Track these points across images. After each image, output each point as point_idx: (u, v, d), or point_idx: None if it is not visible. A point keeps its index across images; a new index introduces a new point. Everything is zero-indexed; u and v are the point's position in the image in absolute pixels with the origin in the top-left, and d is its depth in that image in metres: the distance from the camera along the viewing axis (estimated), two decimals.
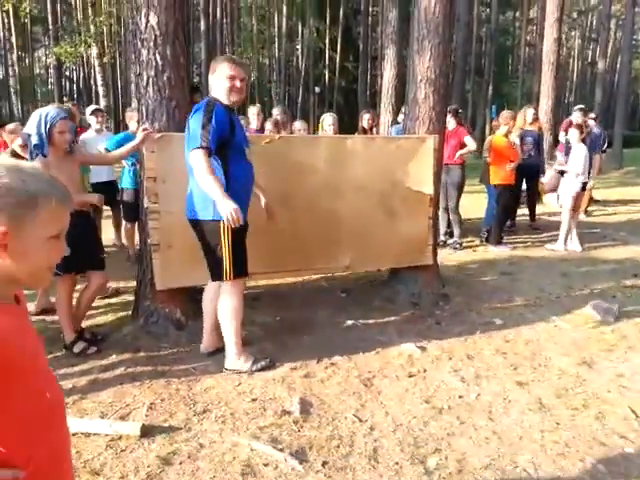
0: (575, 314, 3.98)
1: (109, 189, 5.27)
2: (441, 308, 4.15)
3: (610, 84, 34.78)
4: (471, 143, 6.14)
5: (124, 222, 5.60)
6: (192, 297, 3.66)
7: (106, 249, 4.65)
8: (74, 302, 3.44)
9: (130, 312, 3.85)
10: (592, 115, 9.11)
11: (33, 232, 0.93)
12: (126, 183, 5.25)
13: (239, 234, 2.90)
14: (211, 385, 2.90)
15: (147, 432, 2.43)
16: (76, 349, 3.29)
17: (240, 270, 2.95)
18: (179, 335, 3.50)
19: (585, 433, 2.46)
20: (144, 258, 3.57)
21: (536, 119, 7.36)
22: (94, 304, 3.81)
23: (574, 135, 5.99)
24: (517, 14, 37.27)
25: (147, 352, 3.32)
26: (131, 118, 5.22)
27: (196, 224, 2.93)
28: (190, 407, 2.68)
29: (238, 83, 2.85)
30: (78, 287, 3.51)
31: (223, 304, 3.00)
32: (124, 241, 5.73)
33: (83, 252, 3.13)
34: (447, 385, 2.92)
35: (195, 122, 2.74)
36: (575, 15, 45.61)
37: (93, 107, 6.06)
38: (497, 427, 2.51)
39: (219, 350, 3.21)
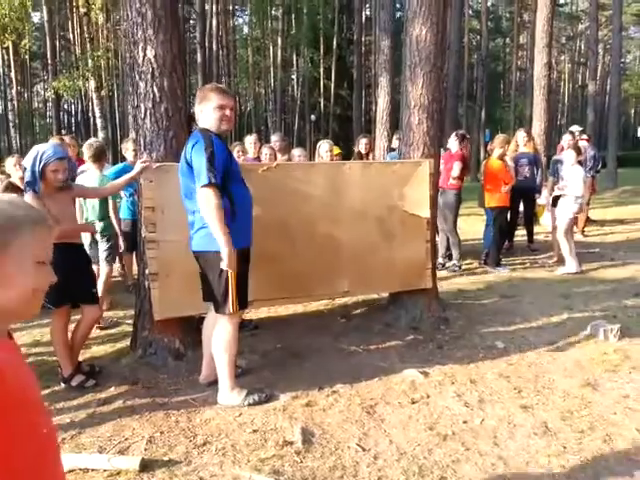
0: (577, 335, 3.95)
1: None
2: (442, 332, 4.12)
3: (601, 106, 35.37)
4: (455, 170, 6.18)
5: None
6: (191, 326, 3.64)
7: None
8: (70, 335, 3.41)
9: (129, 343, 3.82)
10: (584, 136, 9.22)
11: (18, 257, 0.94)
12: (124, 213, 5.26)
13: (245, 266, 2.91)
14: (211, 416, 2.86)
15: (146, 466, 2.38)
16: (74, 382, 3.25)
17: (243, 302, 2.94)
18: (178, 365, 3.46)
19: (593, 457, 2.41)
20: (142, 288, 3.55)
21: (529, 140, 7.45)
22: (92, 335, 3.77)
23: (571, 157, 6.04)
24: (507, 40, 38.14)
25: (146, 384, 3.27)
26: (127, 149, 5.26)
27: (202, 256, 2.91)
28: (190, 439, 2.63)
29: (228, 112, 2.87)
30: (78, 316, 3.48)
31: (218, 335, 2.96)
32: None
33: (74, 285, 3.12)
34: (451, 410, 2.88)
35: (198, 157, 2.71)
36: (564, 40, 46.68)
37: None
38: (503, 452, 2.46)
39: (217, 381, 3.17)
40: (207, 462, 2.43)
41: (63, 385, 3.25)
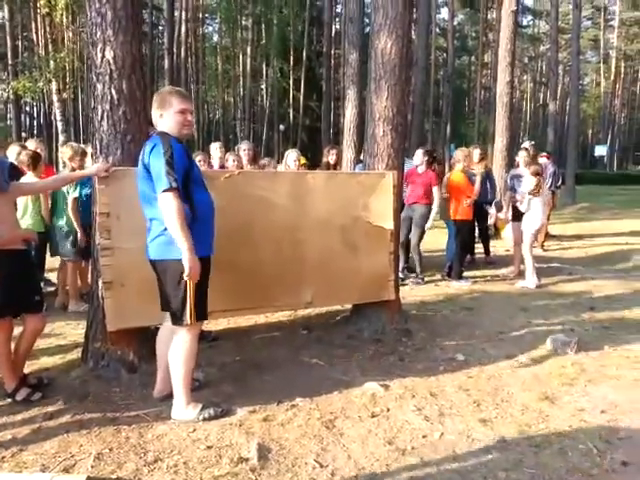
0: (536, 348, 4.00)
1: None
2: (404, 344, 4.11)
3: (561, 125, 36.66)
4: (435, 195, 6.27)
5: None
6: (146, 338, 3.50)
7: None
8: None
9: (80, 354, 3.65)
10: (544, 153, 9.49)
11: None
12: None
13: (205, 275, 2.81)
14: (164, 432, 2.74)
15: None
16: (19, 397, 3.07)
17: (202, 313, 2.83)
18: (131, 379, 3.32)
19: (548, 471, 2.42)
20: (95, 297, 3.41)
21: (482, 159, 7.59)
22: (42, 346, 3.60)
23: (530, 181, 6.15)
24: (472, 59, 39.20)
25: (96, 397, 3.12)
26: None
27: (160, 265, 2.79)
28: (140, 456, 2.51)
29: (189, 116, 2.81)
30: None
31: (176, 348, 2.83)
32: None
33: (17, 293, 2.96)
34: (411, 424, 2.85)
35: (157, 160, 2.62)
36: (526, 60, 48.34)
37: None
38: (461, 467, 2.44)
39: (171, 395, 3.05)
40: None
41: (8, 400, 3.07)
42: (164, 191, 2.59)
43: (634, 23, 45.65)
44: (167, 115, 2.76)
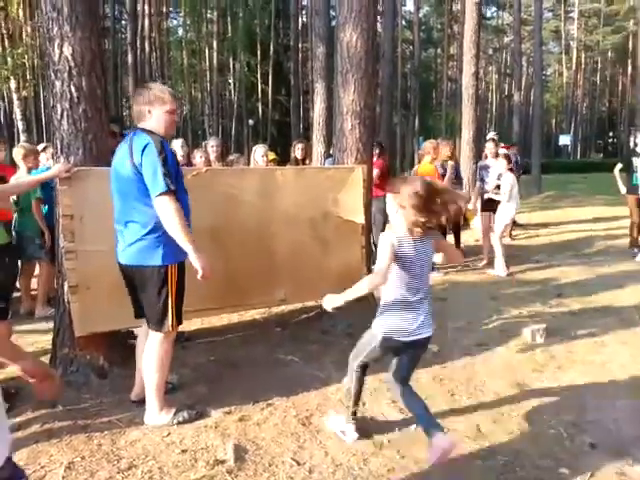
0: (506, 336, 4.07)
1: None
2: None
3: (526, 115, 37.36)
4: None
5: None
6: (116, 341, 3.43)
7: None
8: None
9: (48, 361, 3.54)
10: (502, 144, 9.63)
11: None
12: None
13: (182, 279, 2.75)
14: (137, 437, 2.68)
15: None
16: None
17: (180, 318, 2.78)
18: (102, 384, 3.25)
19: (522, 457, 2.47)
20: (61, 302, 3.31)
21: (452, 154, 7.64)
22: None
23: (502, 165, 6.28)
24: (439, 51, 39.57)
25: (66, 405, 3.03)
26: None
27: (138, 271, 2.67)
28: (114, 464, 2.46)
29: (176, 118, 2.78)
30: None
31: (152, 353, 2.76)
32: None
33: None
34: (386, 417, 2.87)
35: (151, 162, 2.51)
36: (491, 52, 49.06)
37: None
38: None
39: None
40: None
41: None
42: (162, 194, 2.49)
43: (593, 15, 46.83)
44: (156, 113, 2.66)
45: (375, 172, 6.08)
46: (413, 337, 2.37)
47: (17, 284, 5.35)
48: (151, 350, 2.76)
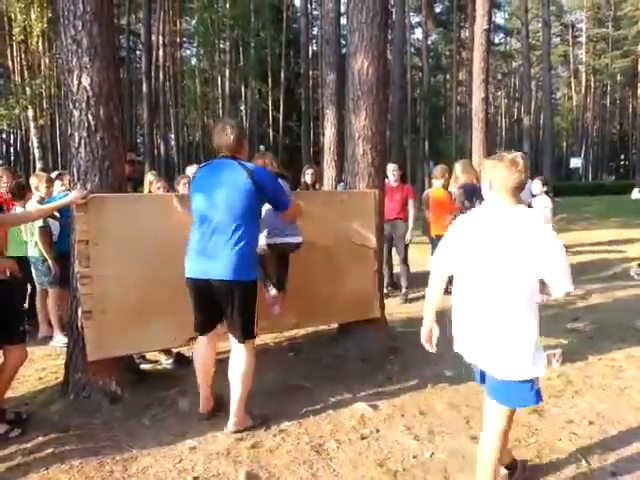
0: None
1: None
2: (391, 362, 4.08)
3: (536, 138, 37.45)
4: (410, 208, 6.43)
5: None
6: (129, 366, 3.44)
7: None
8: None
9: (60, 386, 3.55)
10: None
11: None
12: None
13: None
14: (149, 464, 2.66)
15: None
16: None
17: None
18: (113, 409, 3.24)
19: None
20: (75, 327, 3.33)
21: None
22: (21, 379, 3.49)
23: (537, 186, 6.32)
24: (447, 77, 39.98)
25: (78, 430, 3.03)
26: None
27: (236, 285, 2.83)
28: None
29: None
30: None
31: (247, 364, 2.94)
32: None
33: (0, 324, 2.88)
34: (401, 445, 2.82)
35: (273, 181, 2.98)
36: (500, 77, 49.50)
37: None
38: None
39: (217, 411, 3.09)
40: None
41: None
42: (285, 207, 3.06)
43: (600, 39, 47.19)
44: (245, 146, 3.01)
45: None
46: None
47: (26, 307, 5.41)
48: (239, 360, 2.94)
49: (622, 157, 53.23)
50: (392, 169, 6.40)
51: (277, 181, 3.03)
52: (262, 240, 3.24)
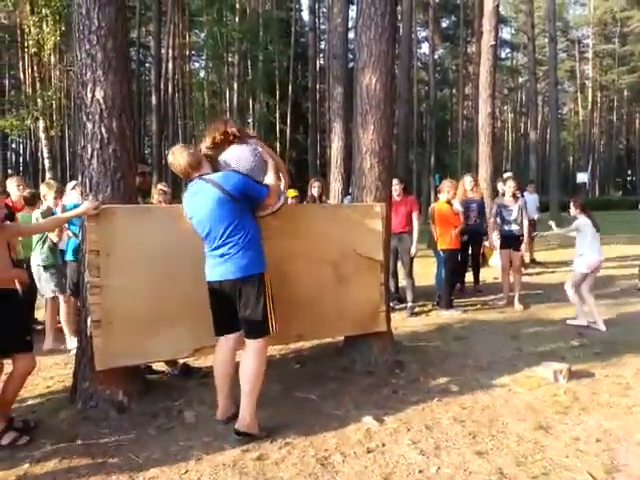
0: (528, 377, 3.99)
1: None
2: (397, 376, 4.08)
3: (542, 153, 37.46)
4: (415, 221, 6.42)
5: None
6: (137, 376, 3.46)
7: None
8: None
9: (68, 395, 3.57)
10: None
11: None
12: (70, 256, 5.04)
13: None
14: (155, 475, 2.67)
15: None
16: (4, 441, 2.98)
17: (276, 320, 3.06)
18: (121, 419, 3.25)
19: None
20: (84, 336, 3.36)
21: (476, 185, 7.71)
22: (29, 387, 3.51)
23: (573, 209, 6.19)
24: (454, 91, 40.18)
25: (85, 440, 3.04)
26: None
27: (249, 280, 2.96)
28: None
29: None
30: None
31: (257, 363, 2.99)
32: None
33: (4, 332, 2.92)
34: (406, 459, 2.81)
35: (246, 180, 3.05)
36: (506, 91, 49.68)
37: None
38: None
39: (235, 415, 3.08)
40: None
41: None
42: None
43: (607, 55, 47.38)
44: (203, 160, 3.17)
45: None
46: None
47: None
48: (250, 360, 2.98)
49: (629, 172, 53.10)
50: (394, 183, 6.44)
51: (247, 179, 3.03)
52: None
